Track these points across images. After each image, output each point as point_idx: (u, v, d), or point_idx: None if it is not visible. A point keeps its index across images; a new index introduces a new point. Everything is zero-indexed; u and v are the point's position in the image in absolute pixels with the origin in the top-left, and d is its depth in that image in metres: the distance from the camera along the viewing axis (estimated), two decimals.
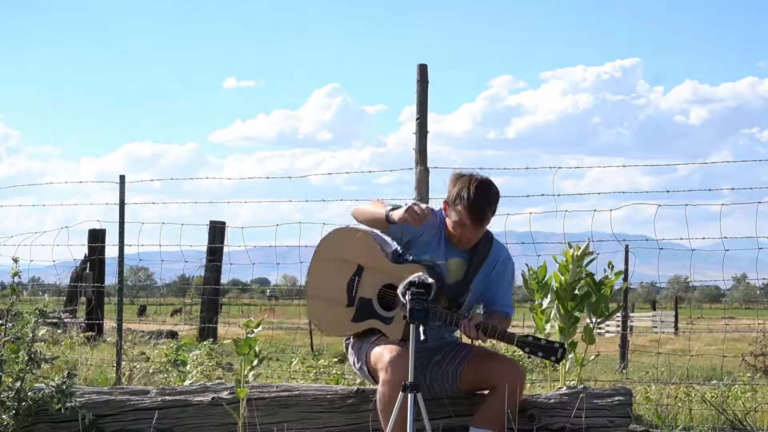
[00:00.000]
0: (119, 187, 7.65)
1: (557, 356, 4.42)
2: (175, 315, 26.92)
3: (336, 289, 4.50)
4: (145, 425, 5.05)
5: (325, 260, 4.59)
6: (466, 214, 4.30)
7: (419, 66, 6.33)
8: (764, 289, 19.55)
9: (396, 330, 4.38)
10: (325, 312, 4.57)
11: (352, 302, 4.48)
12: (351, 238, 4.55)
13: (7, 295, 5.43)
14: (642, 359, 14.23)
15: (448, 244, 4.48)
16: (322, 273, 4.58)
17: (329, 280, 4.53)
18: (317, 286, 4.59)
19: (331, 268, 4.53)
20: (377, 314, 4.45)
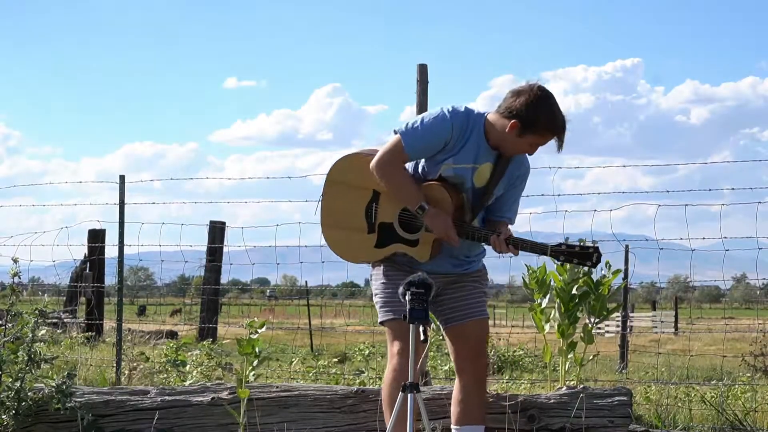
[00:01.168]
0: (119, 187, 7.65)
1: (593, 261, 4.20)
2: (175, 315, 26.92)
3: (354, 217, 4.31)
4: (145, 425, 5.05)
5: (338, 188, 4.37)
6: (558, 140, 4.14)
7: (419, 66, 6.33)
8: (764, 289, 19.55)
9: (423, 251, 4.23)
10: (345, 240, 4.36)
11: (372, 228, 4.29)
12: (363, 164, 4.28)
13: (7, 295, 5.43)
14: (642, 359, 14.23)
15: (482, 149, 4.20)
16: (336, 201, 4.37)
17: (346, 208, 4.33)
18: (333, 215, 4.37)
19: (346, 195, 4.34)
20: (401, 238, 4.26)
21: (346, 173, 4.34)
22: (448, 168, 4.19)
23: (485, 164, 4.22)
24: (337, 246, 4.38)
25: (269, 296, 43.28)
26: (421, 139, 4.14)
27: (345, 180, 4.34)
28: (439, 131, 4.13)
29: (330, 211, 4.37)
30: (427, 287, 3.80)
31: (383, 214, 4.28)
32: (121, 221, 7.65)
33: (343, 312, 28.37)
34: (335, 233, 4.37)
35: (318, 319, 20.90)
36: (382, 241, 4.28)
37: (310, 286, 14.57)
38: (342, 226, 4.34)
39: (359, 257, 4.37)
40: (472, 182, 4.23)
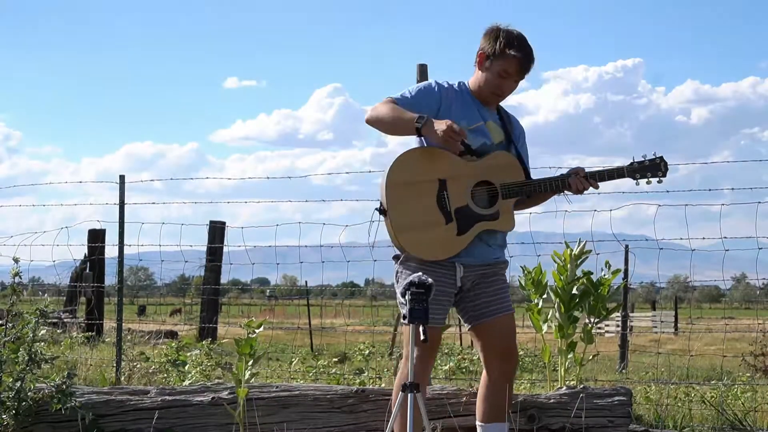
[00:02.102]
0: (119, 188, 7.65)
1: (662, 170, 4.27)
2: (175, 315, 26.93)
3: (428, 212, 4.12)
4: (145, 425, 5.05)
5: (401, 189, 4.15)
6: (519, 63, 4.16)
7: (419, 66, 6.33)
8: (764, 289, 19.55)
9: (507, 220, 4.20)
10: (426, 239, 4.13)
11: (450, 217, 4.13)
12: (418, 157, 4.19)
13: (8, 295, 5.43)
14: (642, 359, 14.24)
15: (476, 103, 4.30)
16: (405, 202, 4.14)
17: (417, 207, 4.13)
18: (406, 217, 4.13)
19: (413, 193, 4.14)
20: (481, 216, 4.15)
21: (404, 172, 4.16)
22: (466, 132, 4.15)
23: (489, 121, 4.28)
24: (418, 248, 4.15)
25: (269, 296, 43.28)
26: (412, 96, 4.18)
27: (406, 178, 4.15)
28: (427, 89, 4.23)
29: (401, 215, 4.13)
30: (427, 287, 3.80)
31: (455, 198, 4.14)
32: (121, 221, 7.66)
33: (343, 312, 28.37)
34: (413, 235, 4.14)
35: (318, 319, 20.90)
36: (462, 227, 4.14)
37: (310, 286, 14.57)
38: (418, 226, 4.13)
39: (446, 251, 4.15)
40: (491, 139, 4.27)
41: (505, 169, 4.22)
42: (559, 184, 4.24)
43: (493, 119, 4.32)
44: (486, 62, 4.21)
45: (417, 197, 4.13)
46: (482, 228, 4.15)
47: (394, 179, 4.15)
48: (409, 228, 4.13)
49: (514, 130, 4.39)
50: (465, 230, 4.13)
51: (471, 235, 4.15)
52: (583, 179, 4.20)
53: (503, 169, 4.21)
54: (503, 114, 4.39)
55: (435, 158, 4.15)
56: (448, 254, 4.13)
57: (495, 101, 4.31)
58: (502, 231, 4.23)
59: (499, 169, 4.20)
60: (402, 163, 4.18)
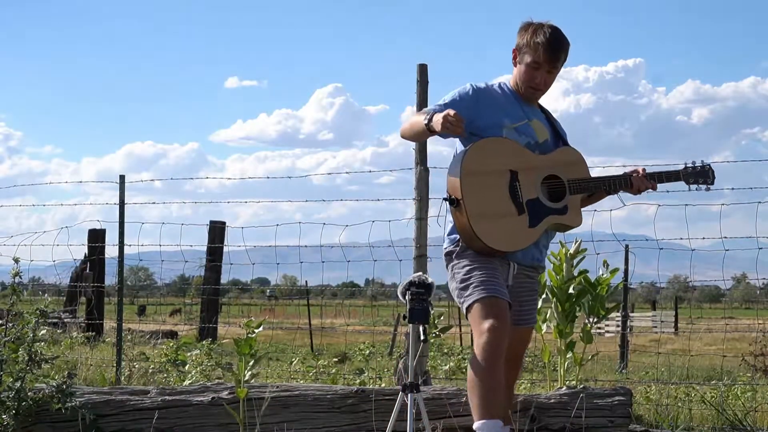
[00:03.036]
0: (119, 187, 7.66)
1: (711, 178, 4.49)
2: (175, 315, 26.92)
3: (501, 202, 4.08)
4: (145, 425, 5.05)
5: (475, 178, 4.08)
6: (544, 49, 4.13)
7: (419, 66, 6.33)
8: (764, 289, 19.55)
9: (575, 215, 4.23)
10: (499, 229, 4.07)
11: (522, 209, 4.09)
12: (491, 147, 4.12)
13: (8, 295, 5.43)
14: (642, 359, 14.24)
15: (519, 101, 4.28)
16: (478, 191, 4.07)
17: (490, 196, 4.09)
18: (479, 206, 4.05)
19: (486, 183, 4.08)
20: (551, 209, 4.15)
21: (478, 161, 4.10)
22: (509, 130, 4.17)
23: (534, 120, 4.26)
24: (492, 237, 4.07)
25: (269, 296, 43.28)
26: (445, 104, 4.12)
27: (480, 168, 4.08)
28: (461, 93, 4.18)
29: (475, 204, 4.06)
30: (427, 287, 3.80)
31: (527, 190, 4.12)
32: (121, 221, 7.66)
33: (343, 312, 28.37)
34: (486, 225, 4.06)
35: (318, 319, 20.90)
36: (534, 219, 4.11)
37: (310, 286, 14.58)
38: (491, 216, 4.07)
39: (518, 243, 4.11)
40: (536, 138, 4.24)
41: (573, 165, 4.24)
42: (622, 183, 4.30)
43: (538, 117, 4.31)
44: (518, 56, 4.23)
45: (490, 187, 4.09)
46: (552, 222, 4.16)
47: (468, 168, 4.07)
48: (482, 217, 4.05)
49: (558, 131, 4.39)
50: (536, 223, 4.12)
51: (541, 228, 4.14)
52: (644, 179, 4.28)
53: (571, 164, 4.24)
54: (548, 112, 4.40)
55: (506, 149, 4.13)
56: (519, 246, 4.11)
57: (535, 96, 4.28)
58: (571, 226, 4.26)
59: (567, 165, 4.22)
60: (475, 153, 4.10)
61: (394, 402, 4.15)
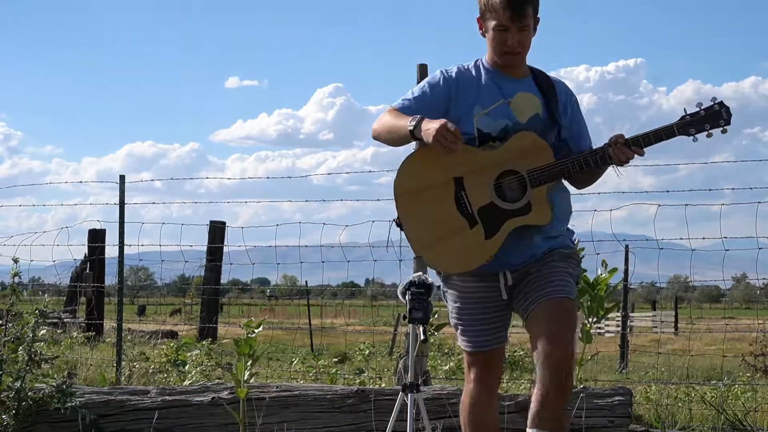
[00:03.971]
0: (119, 188, 7.66)
1: (725, 118, 3.59)
2: (175, 315, 26.92)
3: (448, 219, 3.58)
4: (145, 425, 5.05)
5: (413, 199, 3.63)
6: (504, 8, 3.57)
7: (419, 66, 6.33)
8: (764, 289, 19.55)
9: (541, 211, 3.57)
10: (452, 250, 3.59)
11: (473, 219, 3.56)
12: (422, 159, 3.64)
13: (8, 295, 5.44)
14: (642, 359, 14.24)
15: (499, 77, 3.69)
16: (420, 214, 3.62)
17: (434, 215, 3.60)
18: (425, 230, 3.61)
19: (427, 201, 3.61)
20: (509, 212, 3.56)
21: (413, 178, 3.64)
22: (480, 117, 3.63)
23: (518, 94, 3.67)
24: (445, 262, 3.64)
25: (269, 296, 43.27)
26: (414, 98, 3.68)
27: (417, 185, 3.63)
28: (431, 84, 3.71)
29: (419, 228, 3.62)
30: (427, 287, 3.80)
31: (476, 197, 3.58)
32: (121, 221, 7.66)
33: (343, 312, 28.36)
34: (436, 249, 3.62)
35: (318, 319, 20.89)
36: (490, 228, 3.55)
37: (310, 286, 14.57)
38: (441, 237, 3.59)
39: (477, 260, 3.58)
40: (515, 119, 3.63)
41: (531, 152, 3.59)
42: (597, 159, 3.61)
43: (525, 89, 3.71)
44: (483, 24, 3.70)
45: (432, 204, 3.60)
46: (514, 225, 3.56)
47: (403, 189, 3.64)
48: (430, 241, 3.61)
49: (557, 96, 3.74)
50: (494, 231, 3.56)
51: (502, 235, 3.56)
52: (623, 148, 3.58)
53: (528, 152, 3.59)
54: (542, 81, 3.75)
55: (444, 155, 3.50)
56: (479, 261, 3.57)
57: (514, 61, 3.66)
58: (539, 225, 3.58)
59: (523, 153, 3.58)
60: (409, 169, 3.65)
61: (394, 402, 4.16)
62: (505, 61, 3.67)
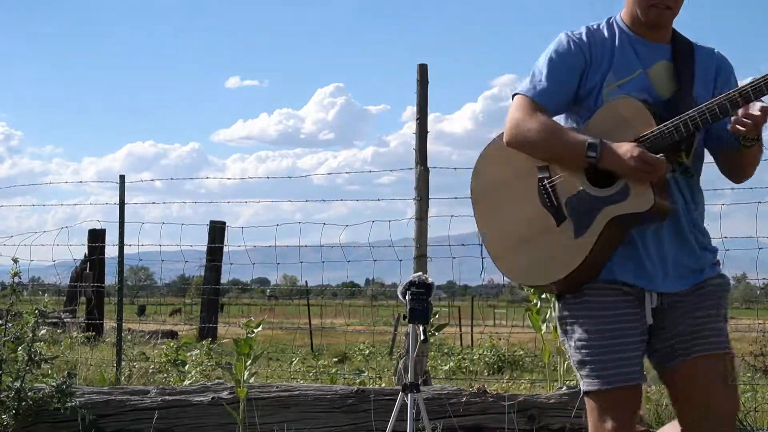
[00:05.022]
0: (119, 187, 7.67)
1: None
2: (175, 315, 26.93)
3: (528, 217, 2.89)
4: (145, 425, 5.05)
5: (490, 198, 3.00)
6: None
7: (419, 66, 6.33)
8: (764, 289, 19.54)
9: (641, 195, 2.74)
10: (537, 257, 2.88)
11: (561, 214, 2.83)
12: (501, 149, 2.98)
13: (8, 295, 5.44)
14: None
15: (635, 41, 2.94)
16: (499, 216, 2.98)
17: (515, 215, 2.93)
18: (505, 235, 2.94)
19: (507, 198, 2.95)
20: (603, 200, 2.77)
21: (491, 171, 3.02)
22: (612, 89, 2.88)
23: (658, 63, 2.92)
24: (524, 272, 2.96)
25: (269, 296, 43.29)
26: (549, 84, 2.90)
27: (494, 183, 3.00)
28: (564, 58, 2.92)
29: (496, 233, 2.97)
30: (427, 287, 3.80)
31: (565, 185, 2.84)
32: (121, 221, 7.67)
33: (343, 312, 28.36)
34: (519, 258, 2.93)
35: (318, 319, 20.89)
36: (580, 223, 2.79)
37: (310, 286, 14.57)
38: (519, 240, 2.91)
39: (562, 267, 2.82)
40: (656, 94, 2.88)
41: (630, 121, 2.81)
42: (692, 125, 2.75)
43: (663, 57, 2.94)
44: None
45: (511, 201, 2.94)
46: (610, 216, 2.75)
47: (480, 186, 3.03)
48: (506, 248, 2.95)
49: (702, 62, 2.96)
50: (584, 228, 2.78)
51: (595, 230, 2.77)
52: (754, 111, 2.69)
53: (626, 120, 2.81)
54: (682, 46, 2.97)
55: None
56: (565, 270, 2.81)
57: (661, 20, 2.90)
58: (637, 213, 2.76)
59: (618, 124, 2.81)
60: (486, 164, 3.04)
61: (394, 402, 4.16)
62: (652, 17, 2.89)
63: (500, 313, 34.79)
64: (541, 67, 2.94)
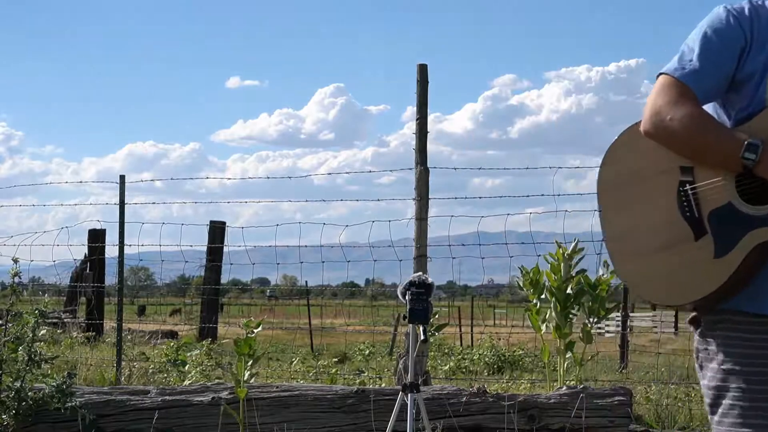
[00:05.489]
0: (119, 188, 7.67)
1: None
2: (175, 315, 26.93)
3: (662, 224, 2.42)
4: (145, 425, 5.05)
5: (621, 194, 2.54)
6: None
7: (419, 66, 6.33)
8: None
9: None
10: (664, 271, 2.42)
11: (702, 228, 2.35)
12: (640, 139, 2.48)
13: (8, 295, 5.44)
14: (642, 359, 14.23)
15: None
16: (625, 212, 2.52)
17: (644, 217, 2.47)
18: (630, 238, 2.50)
19: (639, 197, 2.49)
20: (756, 220, 2.30)
21: (624, 161, 2.55)
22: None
23: None
24: (653, 287, 2.46)
25: (269, 296, 43.30)
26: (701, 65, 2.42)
27: (628, 173, 2.53)
28: (721, 36, 2.43)
29: (624, 235, 2.51)
30: (427, 287, 3.80)
31: (709, 195, 2.37)
32: (121, 221, 7.67)
33: (343, 312, 28.36)
34: (643, 267, 2.47)
35: (318, 319, 20.89)
36: (722, 242, 2.33)
37: (310, 286, 14.57)
38: (650, 250, 2.44)
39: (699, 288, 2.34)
40: None
41: None
42: None
43: None
44: None
45: (644, 203, 2.49)
46: (760, 240, 2.29)
47: (609, 178, 2.58)
48: (634, 256, 2.49)
49: None
50: (726, 248, 2.32)
51: (739, 254, 2.30)
52: None
53: None
54: None
55: None
56: (702, 291, 2.33)
57: None
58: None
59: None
60: (622, 149, 2.56)
61: (394, 402, 4.16)
62: None
63: (500, 313, 34.80)
64: (692, 44, 2.46)
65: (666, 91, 2.45)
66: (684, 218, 2.39)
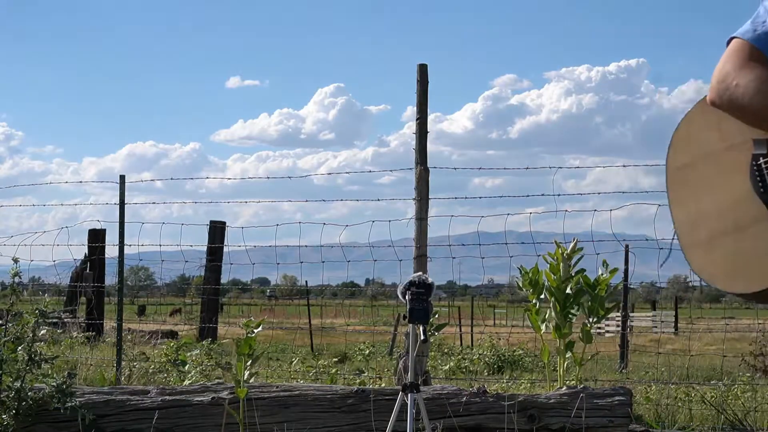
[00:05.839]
0: (119, 187, 7.67)
1: None
2: (175, 315, 26.94)
3: (732, 203, 2.24)
4: (145, 425, 5.05)
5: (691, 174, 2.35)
6: None
7: (419, 66, 6.33)
8: None
9: None
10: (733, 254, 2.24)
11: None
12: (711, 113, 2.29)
13: (8, 295, 5.44)
14: (642, 359, 14.24)
15: None
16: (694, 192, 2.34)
17: (716, 194, 2.28)
18: (700, 223, 2.32)
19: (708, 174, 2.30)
20: None
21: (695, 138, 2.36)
22: None
23: None
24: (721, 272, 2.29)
25: (269, 296, 43.31)
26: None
27: (697, 153, 2.34)
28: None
29: (695, 220, 2.35)
30: (427, 287, 3.80)
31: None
32: (122, 221, 7.67)
33: (343, 312, 28.38)
34: (711, 250, 2.31)
35: (318, 319, 20.89)
36: None
37: (310, 286, 14.57)
38: (720, 231, 2.27)
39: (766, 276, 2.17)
40: None
41: None
42: None
43: None
44: None
45: (715, 180, 2.29)
46: None
47: (677, 157, 2.39)
48: (702, 238, 2.33)
49: None
50: None
51: None
52: None
53: None
54: None
55: None
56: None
57: None
58: None
59: None
60: (692, 123, 2.38)
61: (394, 402, 4.16)
62: None
63: (500, 313, 34.80)
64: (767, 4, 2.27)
65: (735, 55, 2.26)
66: (758, 195, 2.19)
